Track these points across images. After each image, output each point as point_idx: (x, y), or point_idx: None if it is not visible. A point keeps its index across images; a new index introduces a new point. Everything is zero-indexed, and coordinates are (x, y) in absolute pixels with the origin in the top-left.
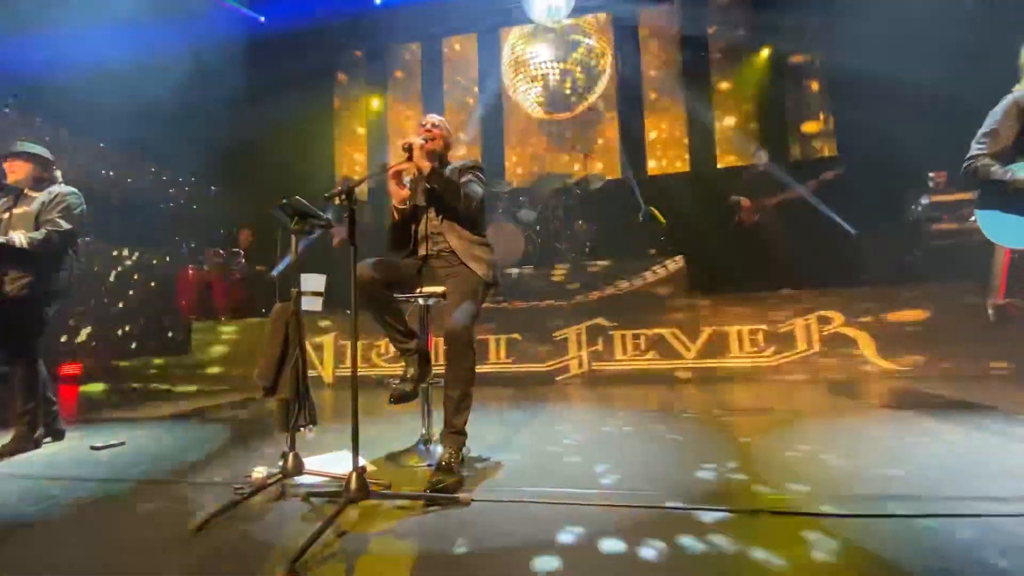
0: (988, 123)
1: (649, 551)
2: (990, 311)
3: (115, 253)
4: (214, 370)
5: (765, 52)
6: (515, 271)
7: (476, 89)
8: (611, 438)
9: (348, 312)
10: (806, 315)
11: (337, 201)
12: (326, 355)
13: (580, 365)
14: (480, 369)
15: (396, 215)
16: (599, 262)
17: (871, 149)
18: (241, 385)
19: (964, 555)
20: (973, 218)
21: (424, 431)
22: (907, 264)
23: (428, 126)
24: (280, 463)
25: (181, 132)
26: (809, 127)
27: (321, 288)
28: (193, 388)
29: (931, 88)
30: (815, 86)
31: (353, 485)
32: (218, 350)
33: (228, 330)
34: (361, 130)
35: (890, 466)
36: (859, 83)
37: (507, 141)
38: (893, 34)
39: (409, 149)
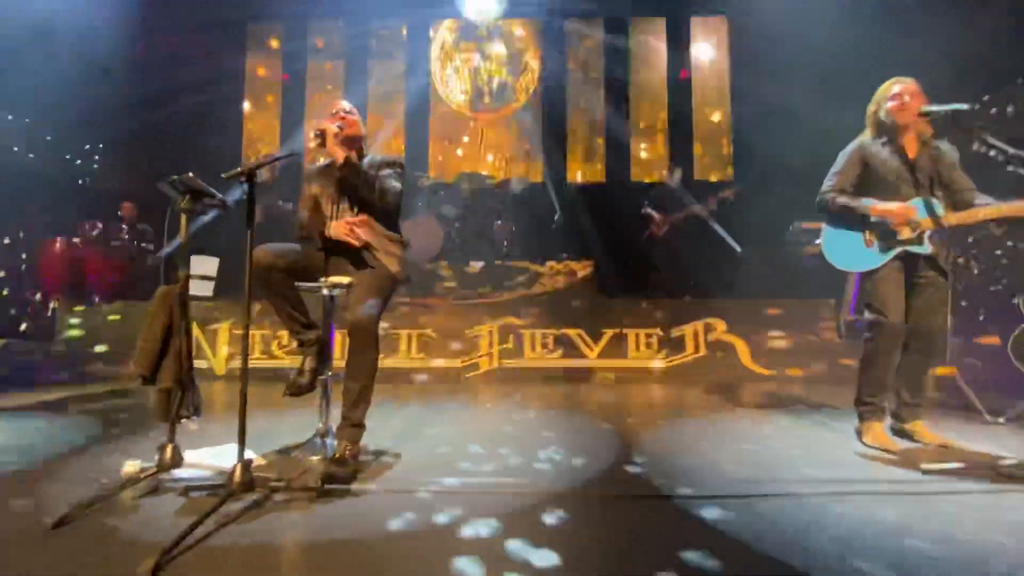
0: (837, 163)
1: (526, 536)
2: (841, 325)
3: None
4: (86, 356)
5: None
6: (431, 266)
7: (402, 78)
8: (511, 432)
9: (266, 297)
10: (694, 322)
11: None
12: (219, 345)
13: (490, 362)
14: (390, 364)
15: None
16: (515, 263)
17: (763, 174)
18: (118, 374)
19: (784, 529)
20: (819, 241)
21: (321, 424)
22: (780, 281)
23: (341, 113)
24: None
25: (58, 90)
26: (711, 148)
27: (213, 272)
28: (60, 376)
29: (824, 118)
30: (719, 113)
31: (237, 477)
32: (92, 335)
33: (106, 313)
34: (271, 99)
35: (742, 457)
36: (757, 109)
37: (432, 135)
38: (791, 63)
39: (322, 135)
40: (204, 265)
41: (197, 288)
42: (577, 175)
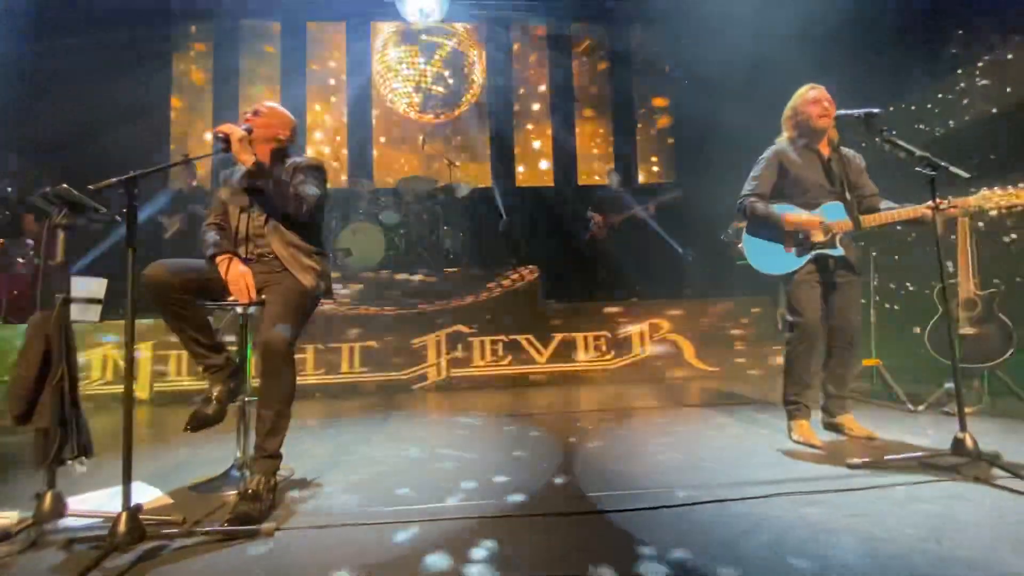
0: (755, 168)
1: (460, 564)
2: (779, 320)
3: None
4: None
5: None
6: (374, 274)
7: (343, 79)
8: (451, 450)
9: (164, 319)
10: (641, 323)
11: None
12: (142, 366)
13: (438, 372)
14: (330, 380)
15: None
16: (461, 269)
17: (703, 177)
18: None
19: (716, 537)
20: (741, 245)
21: (240, 455)
22: (720, 280)
23: (248, 115)
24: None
25: None
26: (652, 155)
27: (100, 295)
28: None
29: (761, 125)
30: (662, 121)
31: (122, 528)
32: None
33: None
34: (202, 100)
35: (679, 461)
36: (698, 116)
37: (375, 139)
38: (730, 74)
39: (225, 140)
40: (89, 287)
41: (81, 313)
42: (525, 178)
